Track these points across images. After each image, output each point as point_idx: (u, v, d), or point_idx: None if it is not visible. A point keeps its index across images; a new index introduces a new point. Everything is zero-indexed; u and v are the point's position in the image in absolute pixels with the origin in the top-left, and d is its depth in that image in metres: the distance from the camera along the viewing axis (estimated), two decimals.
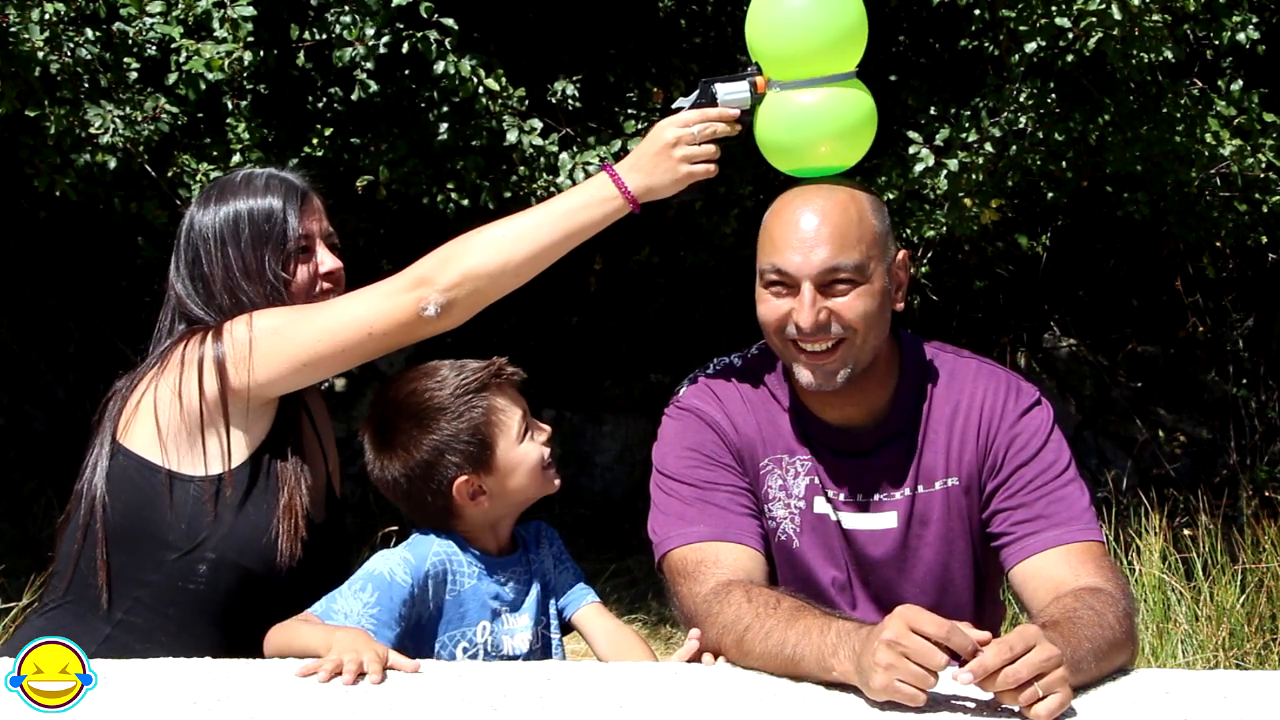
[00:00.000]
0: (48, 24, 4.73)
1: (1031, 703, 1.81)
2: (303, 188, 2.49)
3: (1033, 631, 1.87)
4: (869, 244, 2.24)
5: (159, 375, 2.30)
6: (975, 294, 7.66)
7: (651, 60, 6.54)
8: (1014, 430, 2.33)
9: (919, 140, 5.42)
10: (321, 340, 2.27)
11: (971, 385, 2.37)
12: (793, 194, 2.32)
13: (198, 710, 1.82)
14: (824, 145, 2.32)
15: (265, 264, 2.38)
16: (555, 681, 1.95)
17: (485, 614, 2.26)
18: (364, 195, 5.73)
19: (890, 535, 2.35)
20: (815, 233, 2.24)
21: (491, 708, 1.84)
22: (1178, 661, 4.47)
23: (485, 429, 2.26)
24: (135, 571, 2.26)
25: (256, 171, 2.50)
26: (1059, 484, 2.30)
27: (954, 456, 2.33)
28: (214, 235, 2.40)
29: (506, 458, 2.27)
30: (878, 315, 2.26)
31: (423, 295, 2.29)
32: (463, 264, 2.31)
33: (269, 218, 2.41)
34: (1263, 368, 7.59)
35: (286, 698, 1.87)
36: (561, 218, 2.34)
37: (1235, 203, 5.98)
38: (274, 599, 2.26)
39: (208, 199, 2.46)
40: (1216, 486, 6.29)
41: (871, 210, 2.28)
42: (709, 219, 6.38)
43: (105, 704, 1.83)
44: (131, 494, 2.27)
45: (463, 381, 2.28)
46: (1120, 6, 4.93)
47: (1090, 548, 2.24)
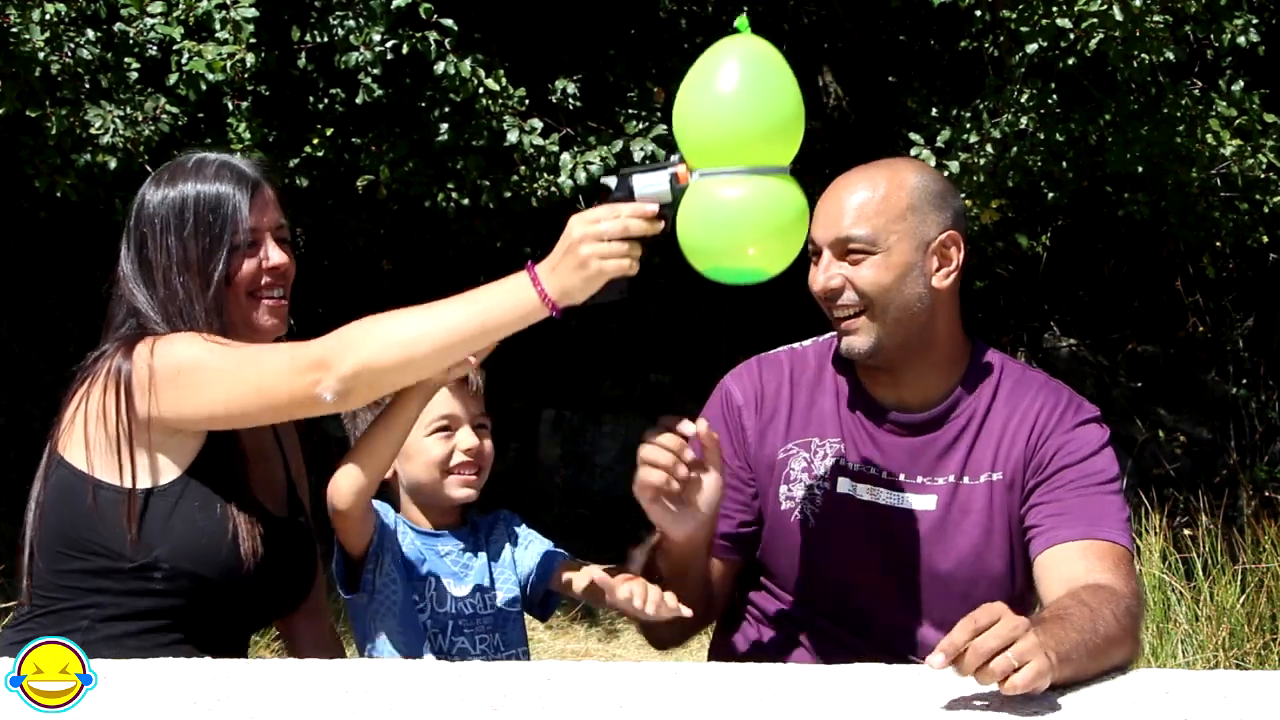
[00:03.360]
0: (48, 24, 4.74)
1: (1006, 673, 1.78)
2: (254, 177, 2.36)
3: (998, 605, 1.85)
4: (891, 218, 2.32)
5: (91, 385, 2.25)
6: (975, 294, 7.67)
7: (652, 60, 6.54)
8: (1066, 436, 2.37)
9: (921, 141, 5.42)
10: (225, 405, 2.19)
11: (1034, 394, 2.41)
12: (839, 177, 2.41)
13: (198, 710, 1.82)
14: (752, 246, 2.05)
15: (207, 257, 2.28)
16: (555, 681, 1.95)
17: (434, 571, 2.38)
18: (364, 195, 5.74)
19: (928, 518, 2.37)
20: (837, 206, 2.35)
21: (491, 708, 1.84)
22: (1178, 661, 4.47)
23: None
24: (88, 582, 2.23)
25: (209, 156, 2.40)
26: (1099, 490, 2.32)
27: (1003, 453, 2.37)
28: (160, 219, 2.31)
29: (408, 447, 2.36)
30: (896, 286, 2.32)
31: (319, 379, 2.15)
32: (361, 355, 2.15)
33: (215, 207, 2.31)
34: (1263, 368, 7.59)
35: (286, 698, 1.87)
36: (475, 317, 2.18)
37: (1236, 203, 5.98)
38: (239, 601, 2.27)
39: (159, 180, 2.37)
40: (1216, 486, 6.29)
41: (910, 189, 2.34)
42: None
43: (105, 704, 1.83)
44: (71, 505, 2.23)
45: None
46: (1122, 7, 4.93)
47: (1114, 549, 2.25)
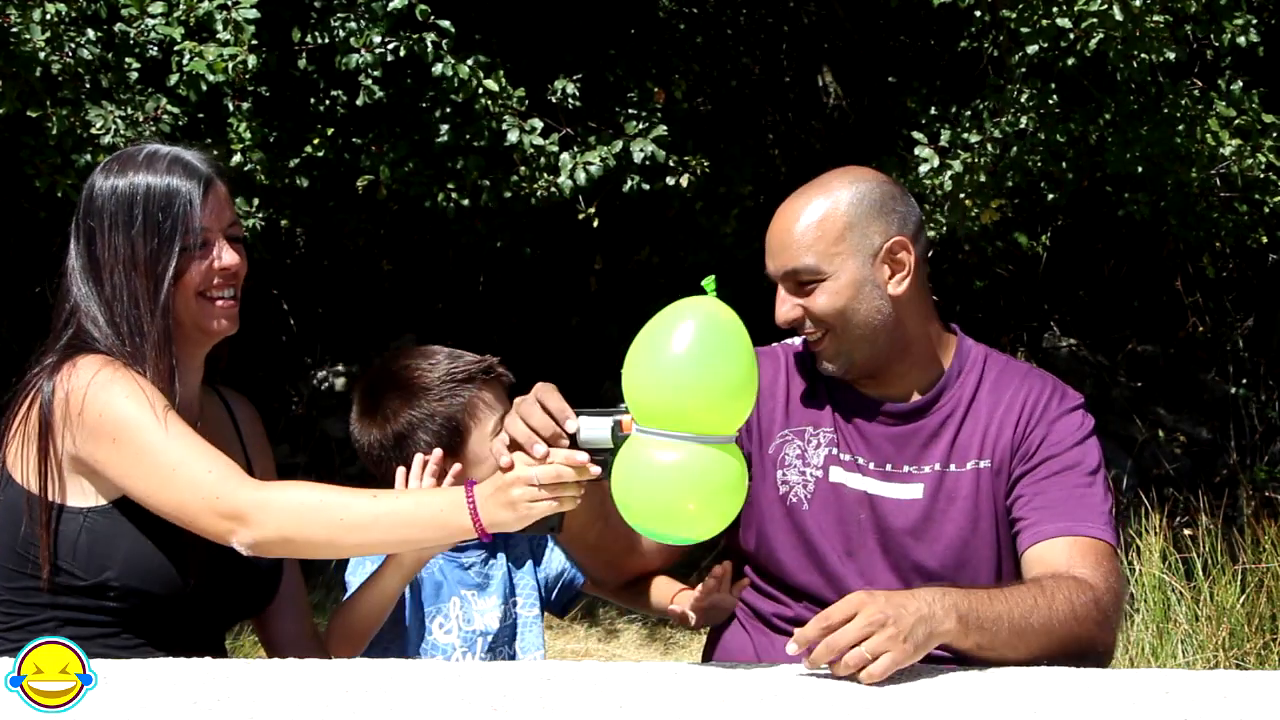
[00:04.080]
0: (49, 24, 4.74)
1: (858, 667, 1.87)
2: (207, 173, 2.27)
3: (856, 599, 1.94)
4: (830, 241, 2.33)
5: (33, 400, 2.19)
6: (975, 294, 7.67)
7: (652, 60, 6.54)
8: (1052, 425, 2.39)
9: (924, 141, 5.42)
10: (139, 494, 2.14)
11: (1019, 382, 2.44)
12: (785, 200, 2.42)
13: (198, 710, 1.82)
14: (691, 503, 1.99)
15: (155, 257, 2.21)
16: (555, 681, 1.95)
17: (456, 591, 2.36)
18: (364, 195, 5.74)
19: (915, 506, 2.39)
20: (778, 239, 2.37)
21: (491, 708, 1.84)
22: (1178, 661, 4.47)
23: (462, 417, 2.34)
24: (44, 598, 2.21)
25: (161, 149, 2.31)
26: (1083, 482, 2.35)
27: (989, 440, 2.39)
28: (109, 214, 2.23)
29: (476, 450, 2.34)
30: (852, 307, 2.34)
31: (236, 530, 2.10)
32: (285, 528, 2.10)
33: (166, 205, 2.22)
34: (1263, 368, 7.60)
35: (286, 698, 1.87)
36: (405, 523, 2.11)
37: (1235, 203, 5.98)
38: (195, 610, 2.24)
39: (109, 170, 2.29)
40: (1216, 486, 6.29)
41: (847, 206, 2.35)
42: (709, 219, 6.39)
43: (105, 704, 1.83)
44: (19, 523, 2.20)
45: (453, 368, 2.35)
46: (1121, 7, 4.93)
47: (1096, 545, 2.27)
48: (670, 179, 5.66)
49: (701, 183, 5.82)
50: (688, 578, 2.64)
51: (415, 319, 7.51)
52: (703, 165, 5.74)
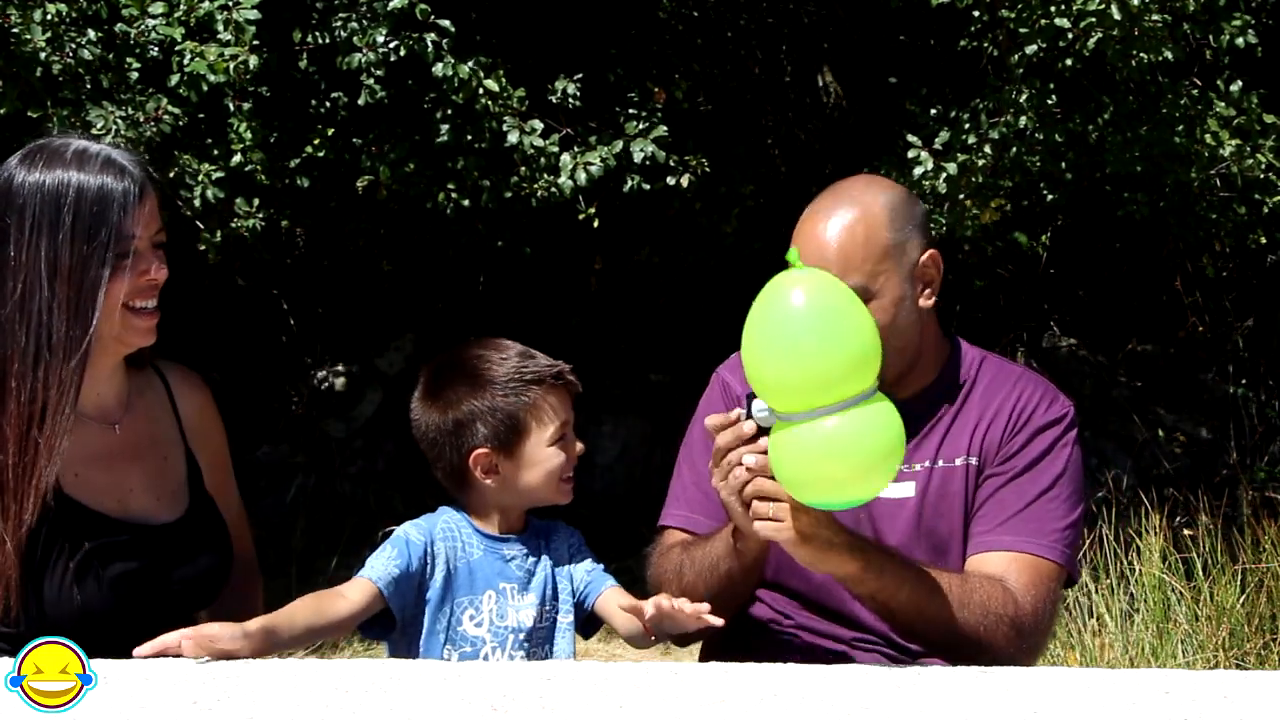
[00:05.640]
0: (49, 24, 4.74)
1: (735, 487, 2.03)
2: (142, 179, 2.14)
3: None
4: (875, 260, 2.32)
5: None
6: (975, 294, 7.67)
7: (652, 60, 6.54)
8: (1036, 432, 2.40)
9: (918, 143, 5.42)
10: None
11: (1011, 385, 2.45)
12: (807, 213, 2.39)
13: (198, 710, 1.82)
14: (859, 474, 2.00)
15: (84, 266, 2.06)
16: (555, 681, 1.95)
17: (492, 585, 2.31)
18: (364, 196, 5.74)
19: (909, 504, 2.40)
20: (821, 258, 2.31)
21: (491, 708, 1.84)
22: (1178, 661, 4.47)
23: (523, 417, 2.30)
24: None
25: (92, 146, 2.14)
26: (1047, 497, 2.35)
27: (978, 438, 2.41)
28: (32, 212, 2.06)
29: (532, 452, 2.31)
30: (893, 325, 2.33)
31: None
32: None
33: (100, 210, 2.07)
34: (1263, 368, 7.59)
35: (286, 698, 1.87)
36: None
37: (1234, 204, 5.98)
38: (124, 625, 2.13)
39: (32, 161, 2.11)
40: (1216, 486, 6.29)
41: (885, 222, 2.34)
42: (709, 219, 6.39)
43: (105, 704, 1.83)
44: None
45: (522, 366, 2.32)
46: (1120, 7, 4.93)
47: (1041, 565, 2.29)
48: (670, 179, 5.66)
49: (701, 183, 5.82)
50: None
51: (415, 319, 7.51)
52: (703, 165, 5.74)
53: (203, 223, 5.45)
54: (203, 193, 5.17)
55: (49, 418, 2.10)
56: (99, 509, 2.20)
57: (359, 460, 7.19)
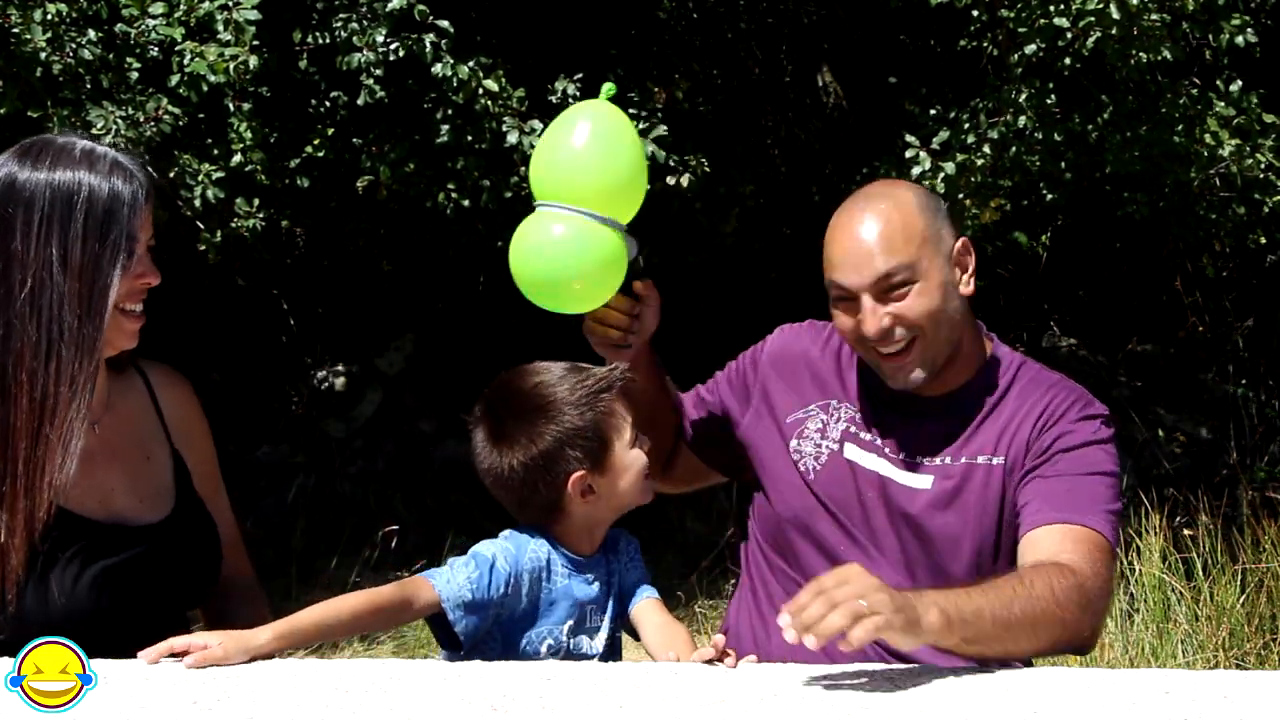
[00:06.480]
0: (50, 24, 4.74)
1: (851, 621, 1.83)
2: (146, 184, 2.14)
3: (848, 569, 1.94)
4: (918, 243, 2.34)
5: None
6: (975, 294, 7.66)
7: (652, 60, 6.54)
8: (1069, 426, 2.39)
9: (916, 144, 5.43)
10: None
11: (1045, 389, 2.45)
12: (840, 211, 2.42)
13: (198, 710, 1.82)
14: (577, 280, 2.31)
15: (95, 265, 2.07)
16: (555, 681, 1.95)
17: (573, 613, 2.28)
18: (364, 196, 5.74)
19: (924, 494, 2.41)
20: (863, 245, 2.34)
21: (491, 708, 1.84)
22: (1178, 661, 4.47)
23: (604, 427, 2.27)
24: None
25: (98, 148, 2.14)
26: (1091, 479, 2.34)
27: (1006, 438, 2.40)
28: (40, 208, 2.06)
29: (620, 459, 2.29)
30: (942, 307, 2.36)
31: None
32: None
33: (111, 210, 2.08)
34: (1263, 367, 7.60)
35: (286, 698, 1.88)
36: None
37: (1234, 204, 5.99)
38: (112, 626, 2.12)
39: (35, 158, 2.10)
40: (1216, 486, 6.29)
41: (917, 210, 2.37)
42: (709, 219, 6.39)
43: (105, 704, 1.84)
44: None
45: (583, 380, 2.30)
46: (1119, 6, 4.94)
47: (1089, 535, 2.26)
48: (670, 179, 5.66)
49: (701, 183, 5.82)
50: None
51: (415, 319, 7.51)
52: (703, 165, 5.75)
53: (203, 223, 5.45)
54: (203, 193, 5.17)
55: (60, 414, 2.10)
56: (81, 511, 2.18)
57: (359, 460, 7.19)
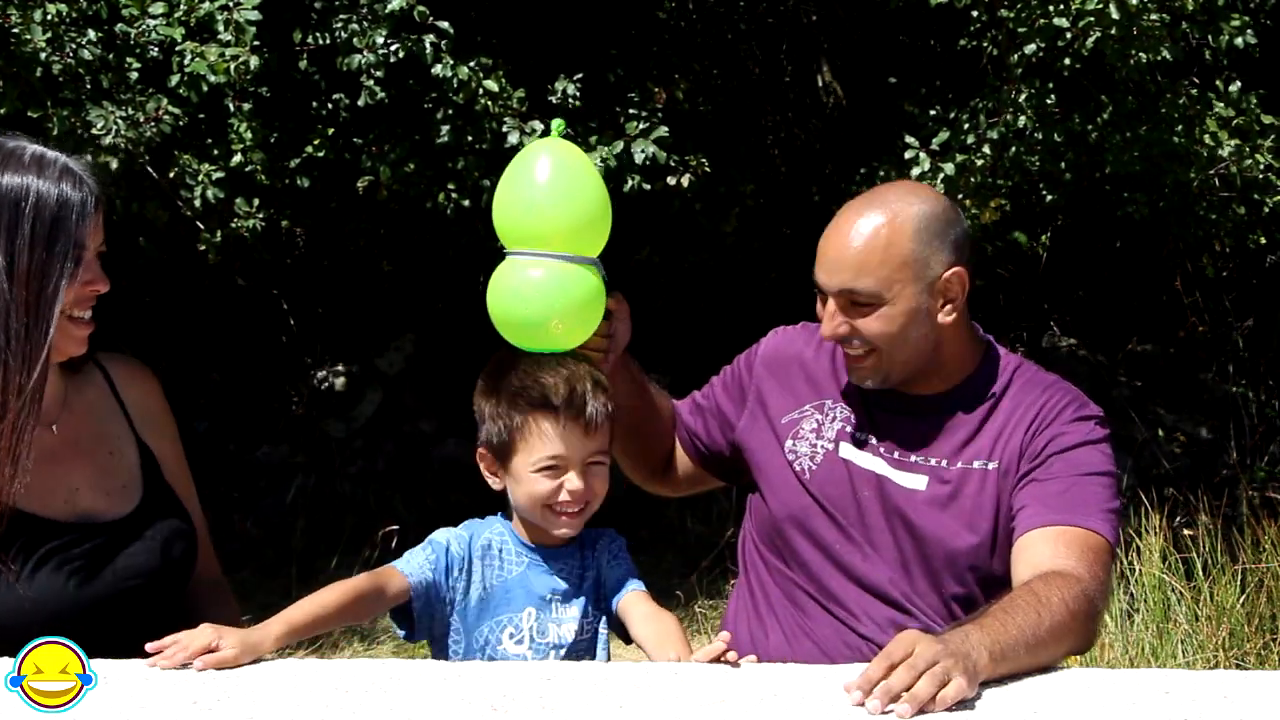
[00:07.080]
0: (50, 25, 4.74)
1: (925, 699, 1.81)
2: (96, 192, 2.12)
3: (910, 636, 1.90)
4: (894, 267, 2.33)
5: None
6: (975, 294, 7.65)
7: (652, 60, 6.54)
8: (1064, 428, 2.39)
9: (915, 144, 5.43)
10: None
11: (1040, 391, 2.45)
12: (845, 206, 2.43)
13: (198, 710, 1.82)
14: (556, 320, 2.26)
15: (42, 272, 2.04)
16: (555, 681, 1.95)
17: (533, 601, 2.27)
18: (365, 196, 5.74)
19: (918, 495, 2.41)
20: (840, 255, 2.36)
21: (491, 708, 1.84)
22: (1178, 661, 4.46)
23: (511, 435, 2.25)
24: None
25: (49, 153, 2.11)
26: (1086, 480, 2.34)
27: (1001, 442, 2.41)
28: None
29: (516, 472, 2.27)
30: (902, 334, 2.36)
31: None
32: None
33: (59, 218, 2.06)
34: (1263, 367, 7.60)
35: (286, 698, 1.88)
36: None
37: (1234, 204, 5.99)
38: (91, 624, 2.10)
39: None
40: (1216, 486, 6.29)
41: (912, 232, 2.35)
42: (709, 219, 6.39)
43: (105, 704, 1.84)
44: None
45: (527, 386, 2.26)
46: (1118, 6, 4.94)
47: (1087, 536, 2.26)
48: (670, 179, 5.66)
49: (701, 183, 5.82)
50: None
51: (415, 319, 7.51)
52: (703, 165, 5.75)
53: (203, 223, 5.45)
54: (203, 193, 5.17)
55: (8, 424, 2.07)
56: (45, 514, 2.17)
57: (359, 460, 7.19)
